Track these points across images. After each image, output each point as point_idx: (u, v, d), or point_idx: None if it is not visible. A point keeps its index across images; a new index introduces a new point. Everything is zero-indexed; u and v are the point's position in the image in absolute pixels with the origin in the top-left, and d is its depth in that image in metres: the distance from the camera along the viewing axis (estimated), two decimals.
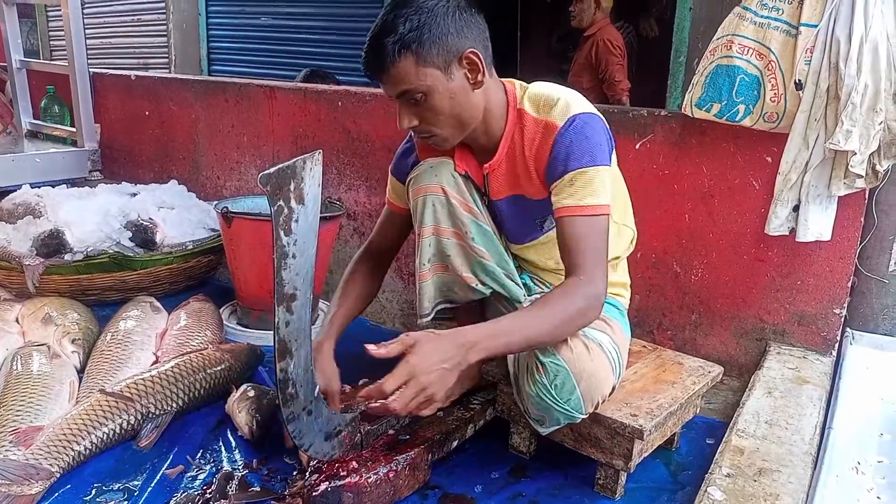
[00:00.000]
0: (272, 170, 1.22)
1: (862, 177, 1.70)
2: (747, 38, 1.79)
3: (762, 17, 1.77)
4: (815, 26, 1.70)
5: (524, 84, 1.55)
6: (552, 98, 1.48)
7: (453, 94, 1.41)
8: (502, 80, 1.54)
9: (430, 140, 1.50)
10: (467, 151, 1.59)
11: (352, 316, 1.70)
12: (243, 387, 1.82)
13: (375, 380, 1.79)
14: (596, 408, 1.51)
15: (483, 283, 1.61)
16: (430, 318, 1.66)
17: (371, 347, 1.30)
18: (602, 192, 1.42)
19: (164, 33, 5.70)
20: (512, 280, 1.65)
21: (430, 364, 1.27)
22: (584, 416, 1.50)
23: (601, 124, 1.46)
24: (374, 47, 1.38)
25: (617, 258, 1.68)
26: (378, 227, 1.79)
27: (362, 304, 1.74)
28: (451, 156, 1.59)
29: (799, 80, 1.73)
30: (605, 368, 1.50)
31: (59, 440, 1.57)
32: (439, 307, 1.67)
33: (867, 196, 1.84)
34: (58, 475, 1.52)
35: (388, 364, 1.40)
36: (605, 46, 3.99)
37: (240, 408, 1.75)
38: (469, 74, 1.42)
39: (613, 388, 1.56)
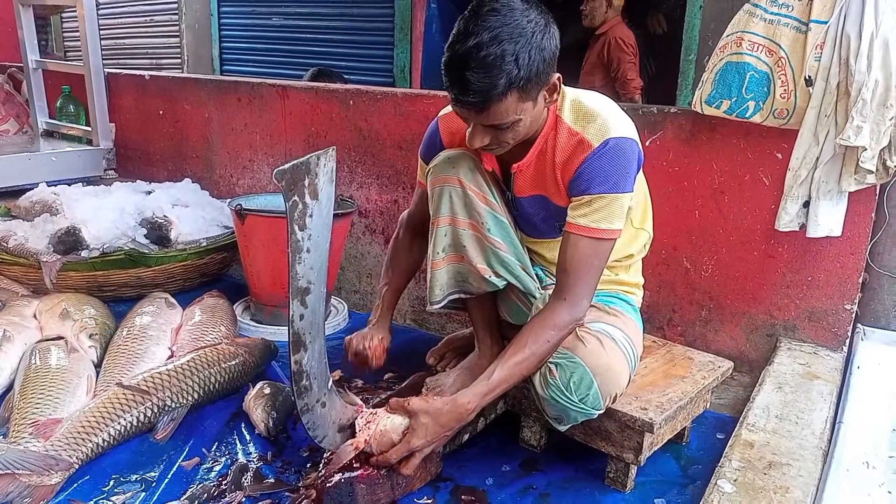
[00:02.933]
0: (287, 165, 1.24)
1: (872, 172, 1.70)
2: (757, 34, 1.79)
3: (772, 13, 1.78)
4: (826, 22, 1.70)
5: (567, 90, 1.52)
6: (592, 113, 1.47)
7: (534, 118, 1.43)
8: None
9: (491, 150, 1.49)
10: None
11: (400, 291, 1.83)
12: (260, 384, 1.85)
13: (399, 375, 1.85)
14: (613, 402, 1.53)
15: (498, 276, 1.62)
16: (440, 306, 1.68)
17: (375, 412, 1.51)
18: (617, 217, 1.46)
19: (177, 34, 5.74)
20: (526, 272, 1.66)
21: (427, 442, 1.43)
22: (600, 412, 1.51)
23: (634, 149, 1.46)
24: (480, 86, 1.29)
25: (630, 256, 1.69)
26: (414, 202, 1.83)
27: (407, 278, 1.85)
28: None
29: (809, 77, 1.73)
30: (621, 362, 1.51)
31: (78, 432, 1.60)
32: (452, 297, 1.68)
33: (878, 192, 1.84)
34: (77, 466, 1.55)
35: (410, 360, 1.48)
36: (616, 45, 3.98)
37: (256, 405, 1.77)
38: (547, 95, 1.42)
39: (629, 382, 1.57)
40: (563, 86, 1.51)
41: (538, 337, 1.46)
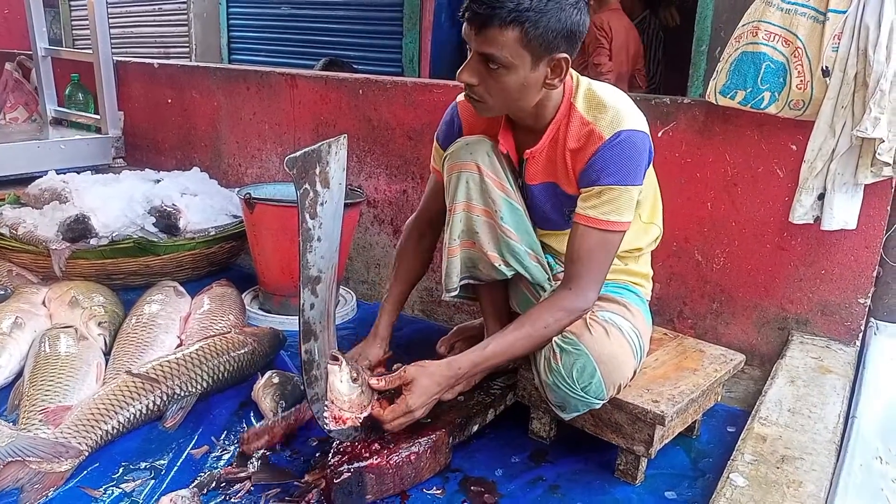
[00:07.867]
0: (298, 153, 1.23)
1: (889, 165, 1.68)
2: (774, 24, 1.77)
3: (789, 3, 1.75)
4: (844, 12, 1.68)
5: (581, 78, 1.53)
6: (604, 104, 1.48)
7: (526, 83, 1.42)
8: None
9: (474, 101, 1.49)
10: (510, 131, 1.60)
11: (401, 301, 1.81)
12: (269, 373, 1.84)
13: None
14: (618, 392, 1.52)
15: (507, 265, 1.62)
16: (455, 293, 1.68)
17: (373, 381, 1.50)
18: (626, 210, 1.47)
19: (185, 23, 5.72)
20: (538, 262, 1.65)
21: (424, 402, 1.47)
22: (603, 402, 1.50)
23: (645, 142, 1.47)
24: (490, 1, 1.33)
25: (639, 249, 1.68)
26: (425, 198, 1.82)
27: (411, 283, 1.83)
28: (493, 133, 1.60)
29: (826, 67, 1.71)
30: (626, 352, 1.51)
31: (88, 419, 1.60)
32: (463, 282, 1.68)
33: (894, 185, 1.82)
34: (86, 453, 1.55)
35: (418, 350, 1.46)
36: (590, 30, 3.90)
37: (265, 394, 1.77)
38: (549, 75, 1.42)
39: (634, 374, 1.56)
40: (578, 74, 1.52)
41: (537, 320, 1.50)
